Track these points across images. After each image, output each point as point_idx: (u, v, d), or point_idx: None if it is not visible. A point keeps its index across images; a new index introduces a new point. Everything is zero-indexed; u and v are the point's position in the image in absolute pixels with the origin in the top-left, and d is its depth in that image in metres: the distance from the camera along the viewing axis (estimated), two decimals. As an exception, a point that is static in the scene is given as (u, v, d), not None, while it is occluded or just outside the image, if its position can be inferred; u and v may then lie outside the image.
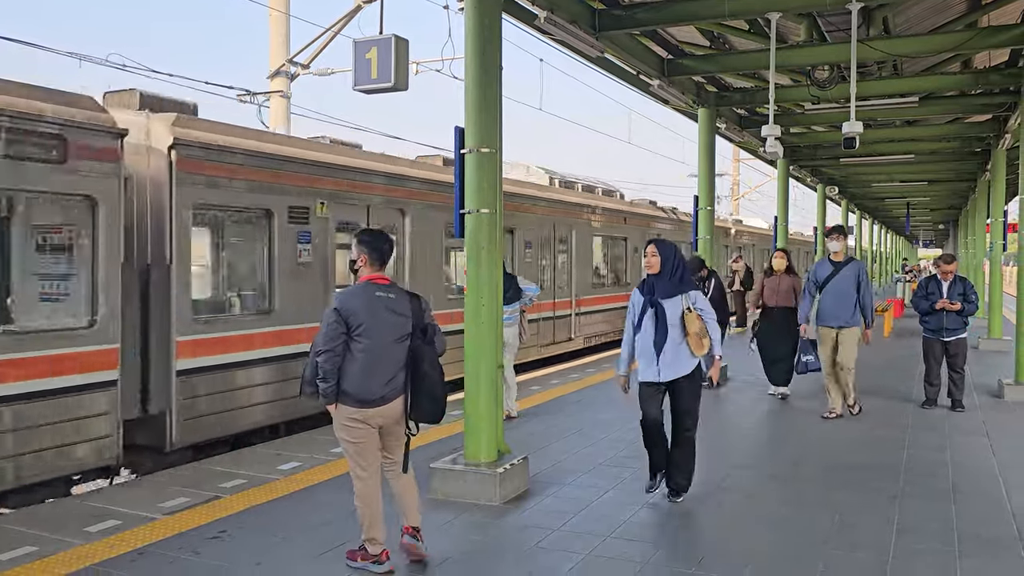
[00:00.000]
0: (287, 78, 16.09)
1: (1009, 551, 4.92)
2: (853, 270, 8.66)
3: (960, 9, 9.63)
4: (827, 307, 8.73)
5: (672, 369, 5.60)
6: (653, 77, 10.53)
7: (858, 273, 8.63)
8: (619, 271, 18.43)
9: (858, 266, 8.73)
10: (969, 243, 24.38)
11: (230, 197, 8.19)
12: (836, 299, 8.64)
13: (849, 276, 8.61)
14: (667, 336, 5.54)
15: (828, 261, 8.84)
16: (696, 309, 5.62)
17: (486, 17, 6.06)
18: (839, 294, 8.62)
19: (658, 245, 5.75)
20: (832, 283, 8.66)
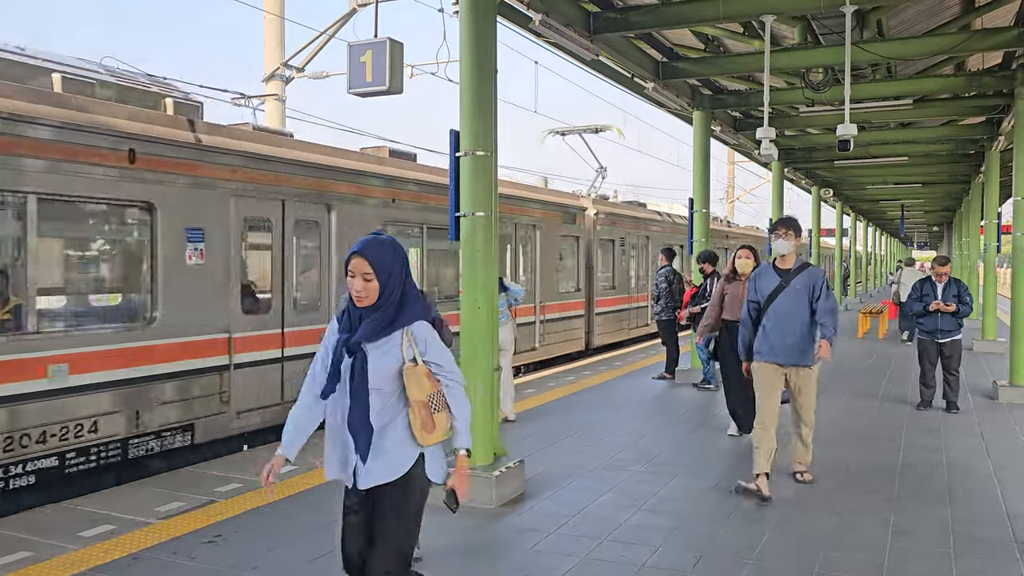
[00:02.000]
0: (282, 81, 16.09)
1: (1004, 552, 4.92)
2: (808, 281, 6.11)
3: (953, 12, 9.67)
4: (773, 336, 6.11)
5: (377, 468, 3.20)
6: (648, 80, 10.55)
7: (814, 285, 6.11)
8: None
9: (815, 275, 6.18)
10: (963, 245, 24.47)
11: None
12: (785, 324, 6.06)
13: (803, 291, 6.09)
14: (367, 410, 3.16)
15: (773, 269, 6.21)
16: (425, 361, 3.19)
17: (481, 20, 6.07)
18: (790, 317, 6.05)
19: (370, 250, 3.14)
20: (779, 301, 6.09)
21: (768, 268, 6.27)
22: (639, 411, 9.42)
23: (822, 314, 6.03)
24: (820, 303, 6.05)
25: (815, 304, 6.06)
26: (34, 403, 6.56)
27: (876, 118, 13.81)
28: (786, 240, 6.16)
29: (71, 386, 6.81)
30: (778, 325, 6.08)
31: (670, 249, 12.42)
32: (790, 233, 6.16)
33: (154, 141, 7.52)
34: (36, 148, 6.61)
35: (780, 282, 6.13)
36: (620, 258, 18.40)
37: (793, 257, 6.21)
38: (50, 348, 6.69)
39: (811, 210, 24.16)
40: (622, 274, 18.45)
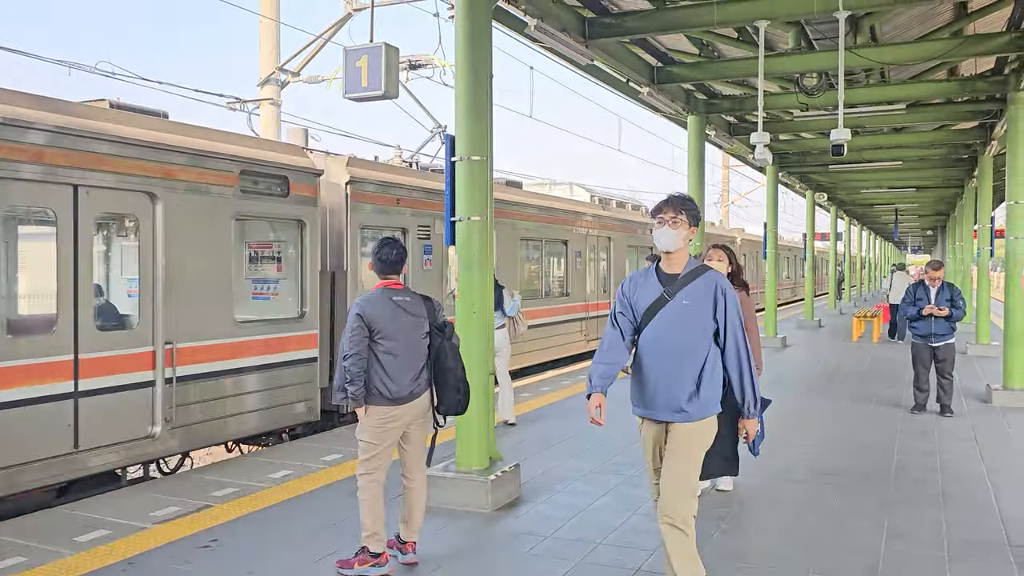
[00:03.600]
0: (277, 86, 16.09)
1: (998, 556, 4.94)
2: (705, 293, 3.92)
3: (946, 18, 9.73)
4: (647, 375, 3.96)
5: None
6: (643, 85, 10.59)
7: (715, 298, 3.91)
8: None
9: (714, 282, 3.94)
10: (957, 249, 24.54)
11: None
12: (663, 358, 3.92)
13: (697, 309, 3.91)
14: None
15: (656, 273, 4.04)
16: None
17: (476, 25, 6.09)
18: (672, 347, 3.91)
19: None
20: (658, 321, 3.94)
21: (647, 273, 4.02)
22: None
23: (734, 362, 3.88)
24: (729, 335, 3.86)
25: (722, 334, 3.87)
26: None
27: (870, 123, 13.88)
28: (672, 229, 3.86)
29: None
30: (653, 359, 3.87)
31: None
32: (679, 219, 3.87)
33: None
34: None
35: (661, 293, 3.89)
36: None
37: (684, 256, 3.95)
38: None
39: (805, 214, 24.24)
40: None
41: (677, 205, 3.96)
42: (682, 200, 3.99)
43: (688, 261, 3.97)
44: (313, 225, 8.91)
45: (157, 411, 7.16)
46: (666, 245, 3.92)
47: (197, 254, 7.58)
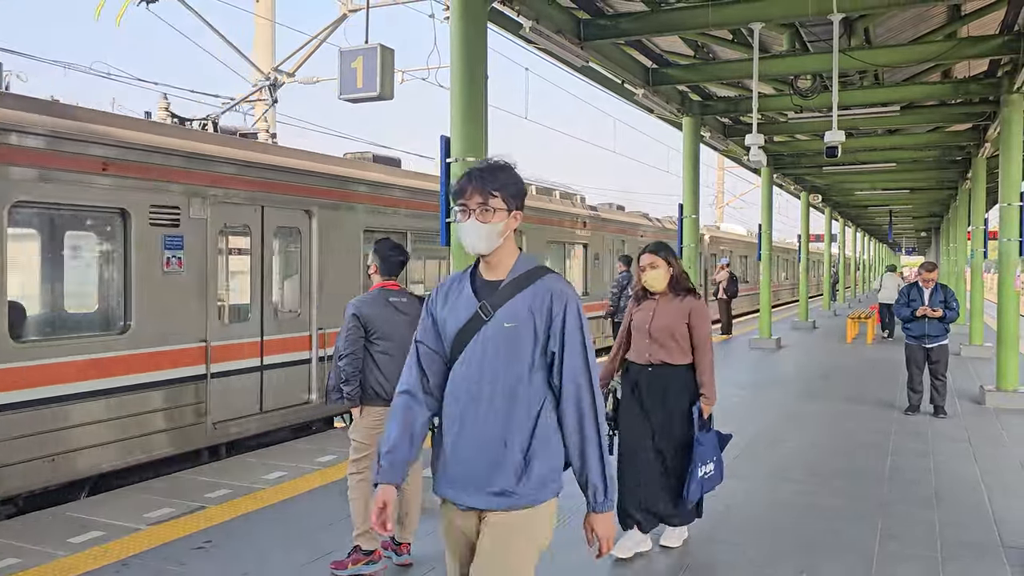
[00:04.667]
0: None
1: (991, 557, 4.96)
2: (537, 305, 2.62)
3: (940, 20, 9.76)
4: (455, 433, 2.65)
5: None
6: (638, 86, 10.60)
7: (550, 314, 2.61)
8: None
9: (549, 292, 2.62)
10: (951, 250, 24.64)
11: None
12: (483, 407, 2.61)
13: (526, 330, 2.61)
14: None
15: (471, 281, 2.74)
16: None
17: (472, 27, 6.09)
18: (493, 389, 2.60)
19: None
20: (474, 348, 2.64)
21: (462, 279, 2.77)
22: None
23: (573, 416, 2.62)
24: (567, 372, 2.60)
25: (556, 369, 2.61)
26: None
27: (864, 124, 13.91)
28: (481, 221, 2.62)
29: None
30: (462, 409, 2.64)
31: (628, 257, 13.22)
32: (490, 204, 2.62)
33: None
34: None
35: (476, 310, 2.65)
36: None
37: (510, 254, 2.69)
38: None
39: (800, 215, 24.28)
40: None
41: (487, 182, 2.59)
42: (493, 173, 2.62)
43: (517, 261, 2.66)
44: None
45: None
46: (475, 246, 2.61)
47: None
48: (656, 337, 4.84)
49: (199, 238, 7.79)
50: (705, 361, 4.82)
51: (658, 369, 4.86)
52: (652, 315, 4.89)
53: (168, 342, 7.47)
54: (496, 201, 2.63)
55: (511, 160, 2.74)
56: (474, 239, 2.64)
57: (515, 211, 2.68)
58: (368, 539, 4.54)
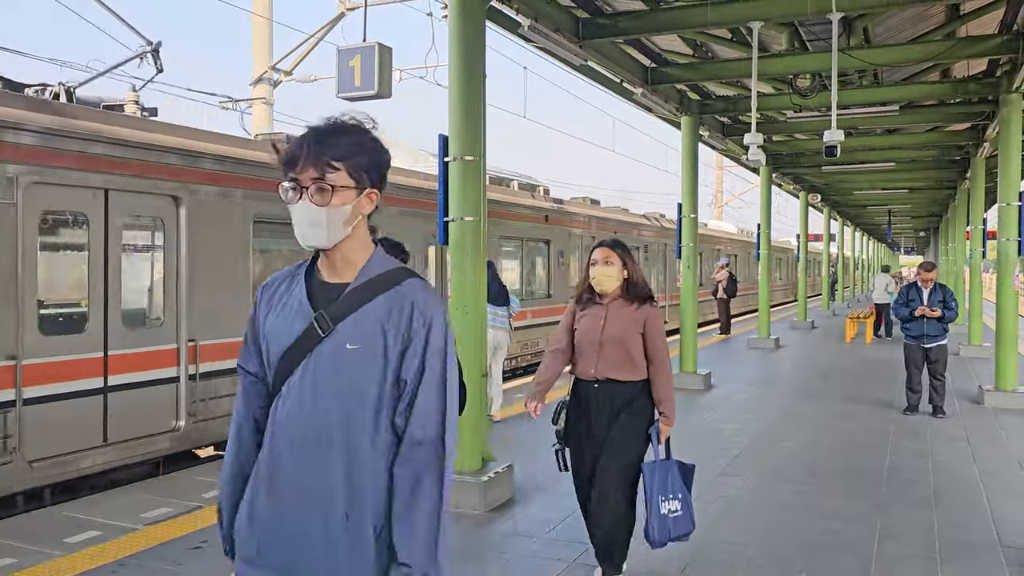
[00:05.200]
0: (270, 85, 16.05)
1: (990, 556, 4.95)
2: (393, 319, 1.94)
3: (939, 20, 9.75)
4: (273, 491, 1.96)
5: None
6: (636, 85, 10.59)
7: (409, 333, 1.93)
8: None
9: (410, 301, 1.96)
10: (949, 250, 24.66)
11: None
12: (308, 457, 1.92)
13: (373, 354, 1.92)
14: None
15: (305, 283, 2.03)
16: None
17: (470, 25, 6.08)
18: (319, 435, 1.92)
19: None
20: (305, 376, 1.94)
21: (291, 278, 2.07)
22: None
23: (408, 471, 1.93)
24: (417, 414, 1.95)
25: (403, 406, 1.95)
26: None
27: (863, 124, 13.91)
28: (317, 203, 1.93)
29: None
30: (285, 460, 1.96)
31: None
32: (329, 178, 1.92)
33: None
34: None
35: (311, 322, 1.96)
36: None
37: (361, 248, 2.02)
38: None
39: (799, 215, 24.29)
40: None
41: (324, 150, 1.90)
42: (334, 137, 1.92)
43: (371, 259, 1.99)
44: None
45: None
46: (309, 237, 1.94)
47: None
48: (606, 349, 4.18)
49: (4, 228, 6.25)
50: (663, 376, 4.23)
51: (606, 386, 4.20)
52: (603, 323, 4.21)
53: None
54: (338, 176, 1.92)
55: (367, 118, 2.00)
56: (306, 227, 1.93)
57: (370, 190, 1.98)
58: None
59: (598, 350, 4.20)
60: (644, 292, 4.25)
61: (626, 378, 4.19)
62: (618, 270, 4.23)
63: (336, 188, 1.92)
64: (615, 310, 4.23)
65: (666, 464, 4.18)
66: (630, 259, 4.29)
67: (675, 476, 4.18)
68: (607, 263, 4.21)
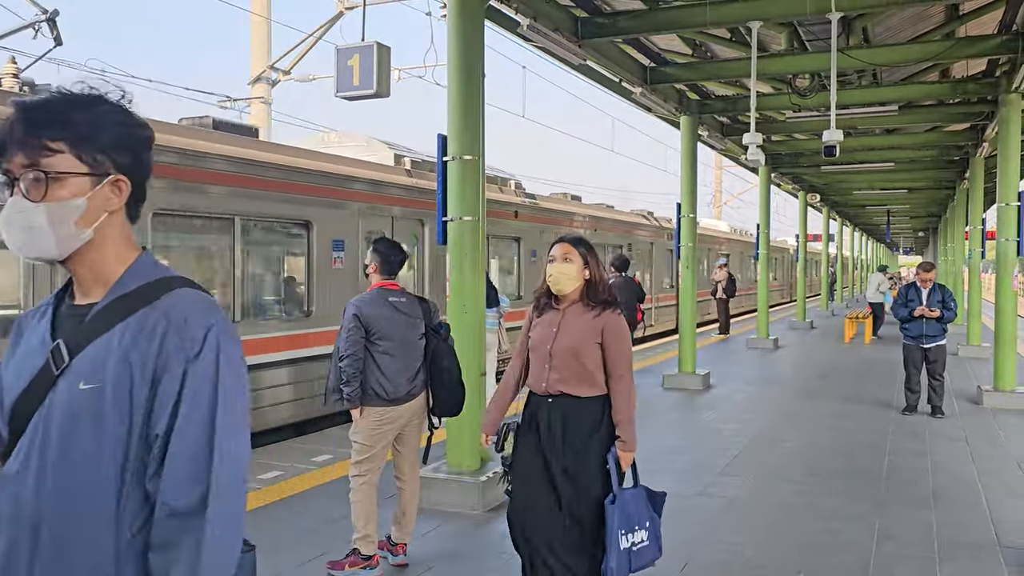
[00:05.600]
0: (268, 84, 16.04)
1: (988, 556, 4.95)
2: (144, 349, 1.42)
3: (938, 20, 9.75)
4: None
5: None
6: (635, 85, 10.58)
7: (144, 375, 1.42)
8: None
9: (166, 320, 1.45)
10: (948, 250, 24.67)
11: None
12: (30, 544, 1.40)
13: (116, 397, 1.41)
14: None
15: (53, 305, 1.56)
16: None
17: (469, 24, 6.07)
18: (49, 506, 1.41)
19: None
20: (39, 431, 1.43)
21: (46, 305, 1.58)
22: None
23: (161, 550, 1.39)
24: (170, 470, 1.39)
25: (154, 469, 1.41)
26: None
27: (862, 124, 13.91)
28: (34, 190, 1.43)
29: None
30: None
31: (623, 258, 12.88)
32: (54, 148, 1.44)
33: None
34: None
35: (48, 357, 1.46)
36: None
37: (119, 255, 1.53)
38: None
39: (798, 215, 24.30)
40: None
41: (38, 128, 1.44)
42: (57, 110, 1.46)
43: (129, 270, 1.54)
44: None
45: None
46: (30, 247, 1.48)
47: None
48: (558, 360, 3.65)
49: None
50: (623, 394, 3.65)
51: (560, 402, 3.67)
52: (556, 331, 3.69)
53: None
54: (60, 159, 1.44)
55: (112, 87, 1.53)
56: (19, 232, 1.45)
57: (116, 176, 1.49)
58: (367, 543, 4.52)
59: (550, 361, 3.67)
60: (604, 296, 3.74)
61: (581, 393, 3.64)
62: (578, 269, 3.72)
63: (57, 176, 1.43)
64: (572, 316, 3.70)
65: (632, 494, 3.62)
66: (593, 258, 3.80)
67: (642, 505, 3.64)
68: (566, 260, 3.72)
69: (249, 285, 8.96)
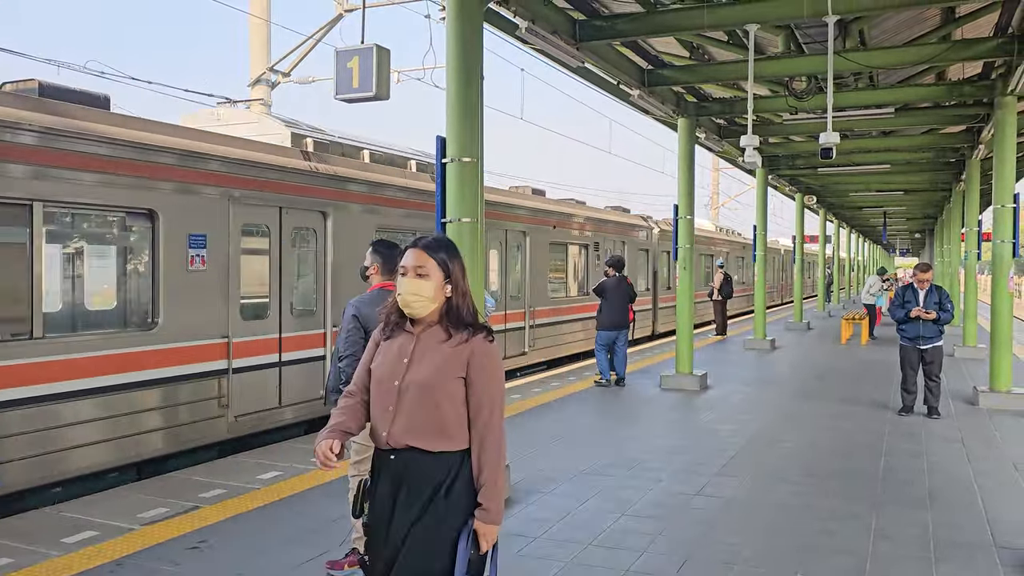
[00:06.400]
0: (268, 86, 16.05)
1: (984, 556, 4.98)
2: None
3: (934, 22, 9.80)
4: None
5: None
6: (633, 87, 10.61)
7: None
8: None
9: None
10: (944, 252, 24.69)
11: None
12: None
13: None
14: None
15: None
16: None
17: (467, 27, 6.09)
18: None
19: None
20: None
21: None
22: (625, 417, 9.45)
23: None
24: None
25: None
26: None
27: (858, 126, 13.95)
28: None
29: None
30: None
31: (618, 258, 12.77)
32: None
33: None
34: None
35: None
36: None
37: None
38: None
39: (795, 217, 24.34)
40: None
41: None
42: None
43: None
44: None
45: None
46: None
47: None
48: (407, 401, 2.73)
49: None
50: (490, 446, 2.76)
51: (405, 458, 2.74)
52: (408, 361, 2.78)
53: None
54: None
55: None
56: None
57: None
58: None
59: (396, 402, 2.75)
60: (469, 320, 2.83)
61: (436, 447, 2.72)
62: (435, 287, 2.79)
63: None
64: (427, 343, 2.80)
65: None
66: (459, 266, 2.87)
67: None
68: (419, 274, 2.79)
69: (57, 290, 7.37)
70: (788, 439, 8.28)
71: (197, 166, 7.92)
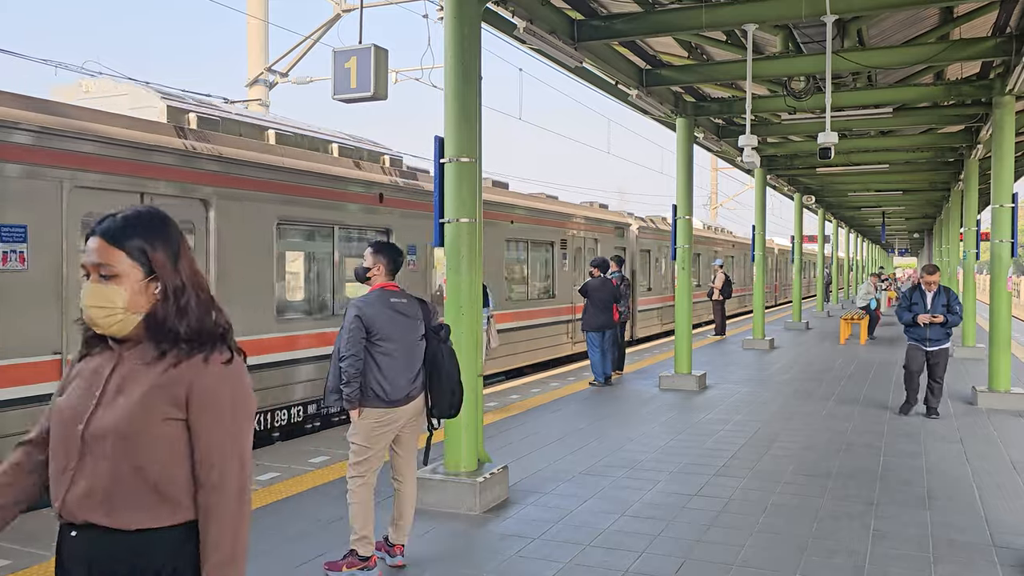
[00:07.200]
0: (266, 86, 16.04)
1: (983, 557, 4.98)
2: None
3: (932, 22, 9.79)
4: None
5: None
6: (631, 87, 10.61)
7: None
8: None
9: None
10: (943, 252, 24.72)
11: None
12: None
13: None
14: None
15: None
16: None
17: (465, 27, 6.09)
18: None
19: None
20: None
21: None
22: (623, 417, 9.44)
23: None
24: None
25: None
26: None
27: (857, 126, 13.96)
28: None
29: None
30: None
31: (619, 257, 12.84)
32: None
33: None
34: None
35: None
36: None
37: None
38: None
39: (794, 216, 24.35)
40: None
41: None
42: None
43: None
44: None
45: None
46: None
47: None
48: (93, 455, 1.85)
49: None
50: (220, 521, 1.86)
51: (89, 539, 1.87)
52: (99, 395, 1.89)
53: None
54: None
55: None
56: None
57: None
58: (365, 545, 4.53)
59: (78, 455, 1.86)
60: (187, 328, 1.91)
61: (136, 523, 1.84)
62: (130, 291, 1.89)
63: None
64: (130, 366, 1.91)
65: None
66: (167, 252, 1.93)
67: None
68: (103, 276, 1.89)
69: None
70: (787, 439, 8.28)
71: (8, 139, 6.24)
